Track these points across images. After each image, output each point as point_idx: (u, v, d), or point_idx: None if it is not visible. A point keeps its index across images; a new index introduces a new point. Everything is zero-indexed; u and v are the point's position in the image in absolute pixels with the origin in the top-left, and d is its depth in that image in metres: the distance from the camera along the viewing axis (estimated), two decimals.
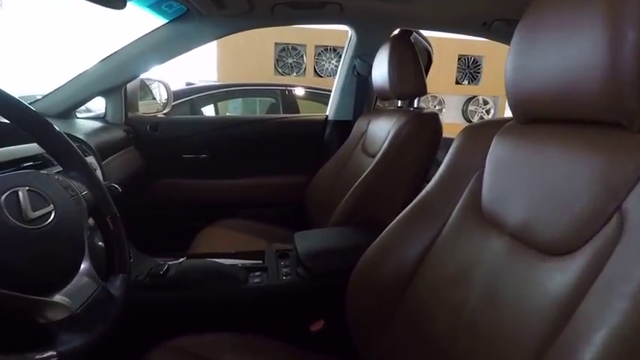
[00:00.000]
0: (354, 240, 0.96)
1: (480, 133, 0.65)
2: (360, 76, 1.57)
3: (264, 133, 1.71)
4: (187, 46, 1.41)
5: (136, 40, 1.37)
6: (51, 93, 1.39)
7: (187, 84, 3.96)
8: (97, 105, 1.57)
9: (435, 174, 0.71)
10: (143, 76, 1.63)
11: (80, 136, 1.07)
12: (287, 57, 6.01)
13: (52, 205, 0.49)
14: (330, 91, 1.76)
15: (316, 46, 6.01)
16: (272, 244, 1.33)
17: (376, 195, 1.09)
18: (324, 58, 6.09)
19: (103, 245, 0.64)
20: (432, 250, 0.64)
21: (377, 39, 1.47)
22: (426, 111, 1.15)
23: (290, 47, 5.98)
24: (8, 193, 0.44)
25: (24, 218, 0.44)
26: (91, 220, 0.61)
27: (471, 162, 0.64)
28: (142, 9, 1.22)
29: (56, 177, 0.55)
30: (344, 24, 1.51)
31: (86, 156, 1.02)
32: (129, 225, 1.10)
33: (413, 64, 1.17)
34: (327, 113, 1.74)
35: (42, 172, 0.54)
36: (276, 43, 5.90)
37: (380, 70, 1.23)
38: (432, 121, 1.10)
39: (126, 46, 1.37)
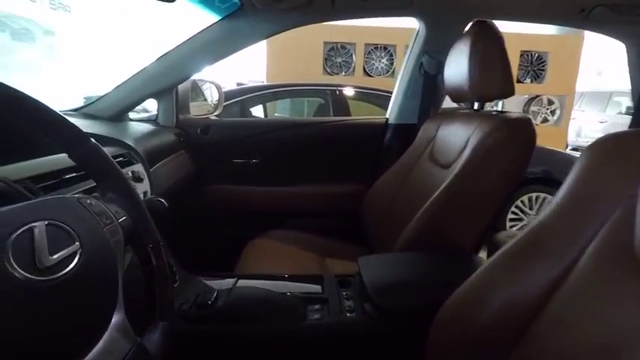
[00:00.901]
0: (434, 271, 0.80)
1: (626, 148, 0.48)
2: (427, 75, 1.39)
3: (318, 137, 1.59)
4: (240, 44, 1.32)
5: (188, 39, 1.30)
6: (105, 95, 1.36)
7: (238, 84, 3.96)
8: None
9: (554, 200, 0.54)
10: (195, 76, 1.58)
11: (130, 142, 1.01)
12: (336, 56, 5.88)
13: (77, 243, 0.38)
14: (383, 91, 1.60)
15: (366, 45, 5.83)
16: (326, 260, 1.20)
17: (455, 215, 0.92)
18: (374, 56, 5.89)
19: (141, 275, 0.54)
20: (556, 299, 0.47)
21: (449, 33, 1.30)
22: (515, 115, 0.96)
23: (339, 46, 5.85)
24: (20, 232, 0.34)
25: (37, 266, 0.34)
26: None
27: (611, 187, 0.47)
28: (194, 5, 1.14)
29: (88, 201, 0.46)
30: (412, 16, 1.34)
31: (134, 164, 0.96)
32: (175, 235, 1.04)
33: (499, 60, 0.98)
34: (387, 116, 1.58)
35: (68, 196, 0.44)
36: (325, 42, 5.80)
37: (455, 68, 1.06)
38: (525, 128, 0.91)
39: (178, 46, 1.31)
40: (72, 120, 1.10)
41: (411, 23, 1.44)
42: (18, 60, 4.19)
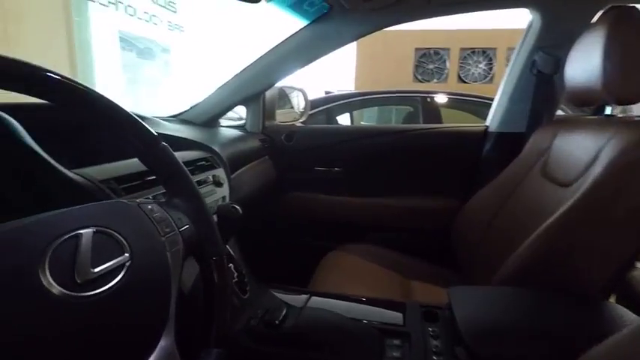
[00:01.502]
0: (551, 317, 0.63)
1: None
2: (541, 75, 1.18)
3: (407, 146, 1.46)
4: (329, 47, 1.27)
5: (276, 45, 1.30)
6: (199, 103, 1.43)
7: (326, 93, 3.99)
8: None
9: None
10: (283, 83, 1.59)
11: (214, 147, 1.02)
12: (428, 62, 5.63)
13: (126, 255, 0.35)
14: (480, 97, 1.40)
15: (462, 49, 5.47)
16: (410, 282, 1.08)
17: (577, 246, 0.73)
18: (470, 61, 5.49)
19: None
20: None
21: (573, 23, 1.08)
22: None
23: (432, 52, 5.58)
24: (63, 240, 0.31)
25: (76, 280, 0.30)
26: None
27: None
28: (282, 10, 1.12)
29: (150, 207, 0.42)
30: (525, 7, 1.16)
31: (216, 168, 0.96)
32: (250, 243, 1.03)
33: None
34: (486, 123, 1.39)
35: (127, 200, 0.41)
36: (416, 49, 5.59)
37: (582, 64, 0.86)
38: None
39: (266, 53, 1.31)
40: (169, 125, 1.17)
41: (514, 23, 1.24)
42: (142, 75, 4.80)
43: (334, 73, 5.79)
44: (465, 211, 1.18)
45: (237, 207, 0.71)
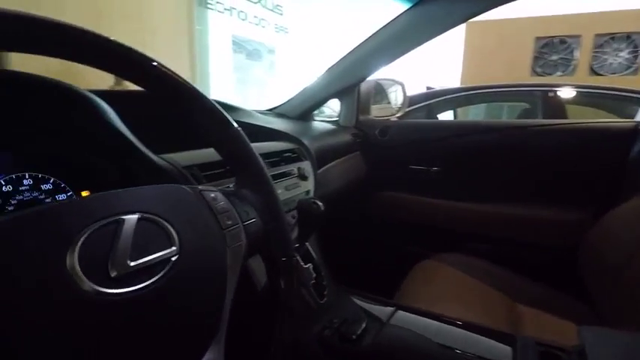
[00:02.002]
0: None
1: None
2: None
3: (524, 146, 1.24)
4: (432, 31, 1.13)
5: (372, 35, 1.21)
6: (294, 96, 1.42)
7: (428, 89, 3.75)
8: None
9: None
10: (380, 76, 1.50)
11: (303, 139, 0.98)
12: (551, 53, 4.90)
13: (174, 248, 0.30)
14: (624, 90, 1.11)
15: (597, 36, 4.63)
16: (519, 307, 0.89)
17: None
18: (607, 49, 4.62)
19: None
20: None
21: None
22: None
23: (557, 41, 4.85)
24: (100, 225, 0.27)
25: (109, 274, 0.26)
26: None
27: None
28: None
29: (212, 195, 0.38)
30: None
31: (302, 160, 0.92)
32: (331, 242, 0.96)
33: None
34: (638, 119, 1.10)
35: (187, 186, 0.37)
36: (537, 38, 4.91)
37: None
38: None
39: (361, 43, 1.23)
40: (261, 116, 1.17)
41: None
42: (250, 76, 5.15)
43: (437, 69, 5.45)
44: (602, 226, 0.94)
45: (319, 203, 0.65)
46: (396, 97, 1.80)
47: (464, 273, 1.02)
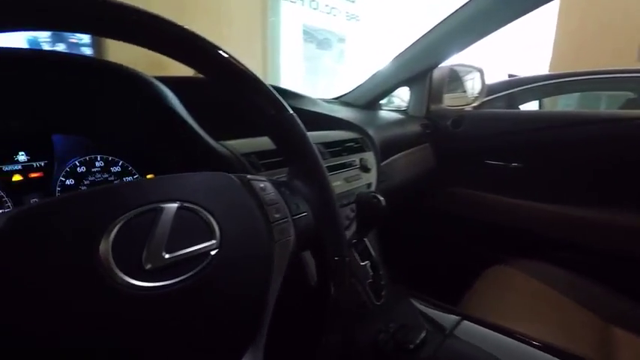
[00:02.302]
0: None
1: None
2: None
3: (624, 141, 1.05)
4: (513, 13, 1.00)
5: (448, 16, 1.10)
6: (361, 84, 1.37)
7: (510, 76, 3.41)
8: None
9: None
10: (455, 62, 1.38)
11: (367, 129, 0.93)
12: None
13: (214, 241, 0.28)
14: None
15: None
16: (612, 330, 0.76)
17: None
18: None
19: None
20: None
21: None
22: None
23: None
24: (139, 212, 0.25)
25: (143, 266, 0.24)
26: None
27: None
28: None
29: (262, 185, 0.35)
30: None
31: (365, 151, 0.87)
32: (392, 240, 0.90)
33: None
34: None
35: (234, 175, 0.35)
36: None
37: None
38: None
39: (436, 26, 1.13)
40: (326, 105, 1.14)
41: None
42: (320, 65, 5.17)
43: (521, 55, 4.95)
44: None
45: (380, 198, 0.61)
46: (472, 85, 1.65)
47: (543, 283, 0.90)
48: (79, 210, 0.25)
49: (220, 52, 0.35)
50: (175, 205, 0.27)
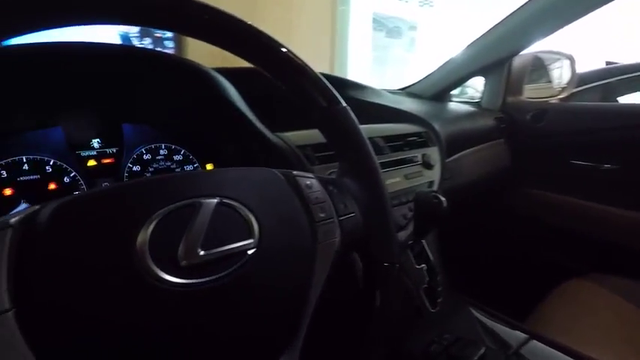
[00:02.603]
0: None
1: None
2: None
3: None
4: None
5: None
6: (430, 74, 1.29)
7: (608, 64, 2.99)
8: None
9: None
10: (540, 49, 1.24)
11: (432, 122, 0.87)
12: None
13: (252, 240, 0.27)
14: None
15: None
16: None
17: None
18: None
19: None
20: None
21: None
22: None
23: None
24: (177, 206, 0.25)
25: (177, 262, 0.24)
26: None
27: None
28: None
29: (308, 182, 0.34)
30: None
31: (429, 146, 0.81)
32: (454, 243, 0.83)
33: None
34: None
35: (278, 170, 0.33)
36: None
37: None
38: None
39: (517, 10, 1.01)
40: (390, 96, 1.09)
41: None
42: (389, 54, 5.02)
43: (623, 40, 4.32)
44: None
45: (442, 198, 0.56)
46: (560, 75, 1.47)
47: (629, 302, 0.77)
48: (120, 202, 0.25)
49: (270, 40, 0.34)
50: (215, 200, 0.27)
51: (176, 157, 0.58)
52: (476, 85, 1.42)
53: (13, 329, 0.20)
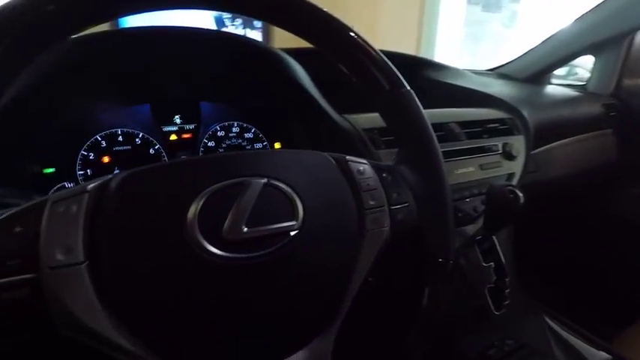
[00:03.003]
0: None
1: None
2: None
3: None
4: None
5: None
6: (526, 52, 1.15)
7: None
8: None
9: None
10: None
11: (520, 107, 0.78)
12: None
13: (295, 222, 0.27)
14: None
15: None
16: None
17: None
18: None
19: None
20: None
21: None
22: None
23: None
24: (227, 184, 0.26)
25: (222, 236, 0.25)
26: None
27: None
28: None
29: (361, 167, 0.33)
30: None
31: (513, 134, 0.74)
32: (537, 244, 0.74)
33: None
34: None
35: (327, 155, 0.33)
36: None
37: None
38: None
39: None
40: (476, 77, 1.00)
41: None
42: (486, 31, 4.60)
43: None
44: None
45: (519, 193, 0.51)
46: None
47: None
48: (176, 177, 0.27)
49: (331, 19, 0.33)
50: (263, 180, 0.28)
51: (247, 135, 0.61)
52: (587, 65, 1.23)
53: (85, 279, 0.23)
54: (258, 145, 0.61)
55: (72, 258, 0.23)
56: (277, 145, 0.62)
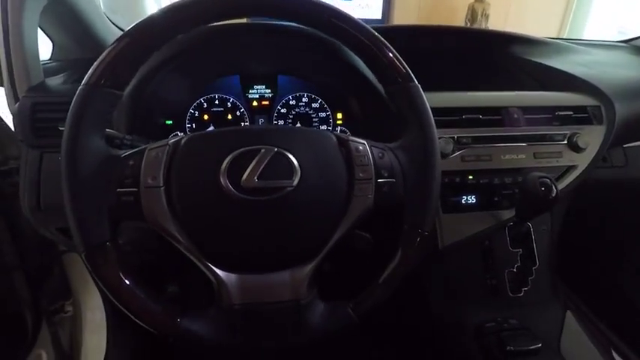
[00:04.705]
0: None
1: None
2: None
3: None
4: None
5: None
6: None
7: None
8: None
9: None
10: None
11: (615, 96, 0.69)
12: None
13: (292, 181, 0.39)
14: None
15: None
16: None
17: None
18: None
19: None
20: None
21: None
22: None
23: None
24: (247, 150, 0.38)
25: (240, 184, 0.38)
26: None
27: None
28: None
29: (359, 146, 0.42)
30: None
31: (592, 124, 0.68)
32: (591, 240, 0.66)
33: None
34: None
35: (331, 134, 0.42)
36: None
37: None
38: None
39: None
40: (598, 53, 0.89)
41: None
42: None
43: None
44: None
45: (554, 186, 0.52)
46: None
47: None
48: (217, 141, 0.41)
49: (352, 21, 0.41)
50: (274, 149, 0.39)
51: (314, 105, 0.72)
52: None
53: (162, 197, 0.39)
54: (322, 114, 0.72)
55: (156, 183, 0.39)
56: (339, 115, 0.72)
